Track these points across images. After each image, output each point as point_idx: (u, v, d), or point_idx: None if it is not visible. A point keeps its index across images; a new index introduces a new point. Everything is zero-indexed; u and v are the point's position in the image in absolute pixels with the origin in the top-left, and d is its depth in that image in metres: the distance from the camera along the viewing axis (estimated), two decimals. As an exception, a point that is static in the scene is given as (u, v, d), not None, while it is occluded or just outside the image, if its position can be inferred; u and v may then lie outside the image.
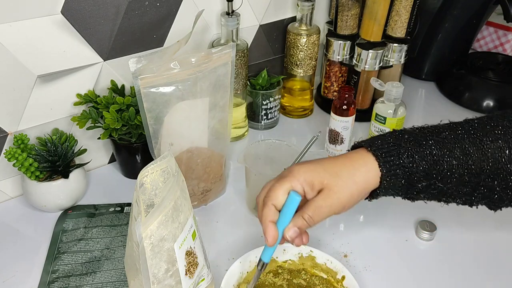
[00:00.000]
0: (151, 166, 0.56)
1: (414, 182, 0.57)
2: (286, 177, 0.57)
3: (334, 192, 0.56)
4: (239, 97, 0.98)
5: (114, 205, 0.83)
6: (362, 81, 1.04)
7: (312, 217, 0.56)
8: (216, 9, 0.93)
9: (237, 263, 0.66)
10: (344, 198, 0.56)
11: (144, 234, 0.52)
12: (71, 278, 0.69)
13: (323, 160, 0.59)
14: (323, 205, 0.56)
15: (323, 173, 0.57)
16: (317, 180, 0.56)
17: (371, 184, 0.57)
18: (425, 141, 0.57)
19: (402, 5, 1.00)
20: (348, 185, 0.57)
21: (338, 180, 0.56)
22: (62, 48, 0.77)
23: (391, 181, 0.57)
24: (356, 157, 0.58)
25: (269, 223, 0.57)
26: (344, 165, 0.58)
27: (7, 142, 0.79)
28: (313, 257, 0.68)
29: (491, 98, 1.12)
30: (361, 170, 0.57)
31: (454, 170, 0.56)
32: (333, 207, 0.57)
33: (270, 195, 0.57)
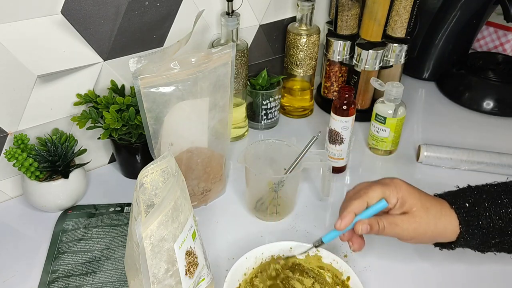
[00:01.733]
0: (151, 166, 0.56)
1: (489, 239, 0.62)
2: (389, 185, 0.62)
3: (415, 221, 0.61)
4: (239, 97, 0.98)
5: (114, 205, 0.83)
6: (362, 81, 1.04)
7: (385, 228, 0.61)
8: (216, 9, 0.93)
9: (243, 259, 0.66)
10: (419, 231, 0.61)
11: (144, 234, 0.52)
12: (71, 278, 0.69)
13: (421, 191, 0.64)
14: (400, 225, 0.61)
15: (417, 201, 0.61)
16: (410, 202, 0.61)
17: (445, 236, 0.62)
18: (500, 200, 0.62)
19: (402, 5, 1.00)
20: (429, 224, 0.61)
21: (425, 214, 0.61)
22: (62, 48, 0.77)
23: (468, 239, 0.62)
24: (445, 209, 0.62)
25: (351, 213, 0.61)
26: (436, 206, 0.62)
27: (7, 142, 0.79)
28: (320, 257, 0.68)
29: (491, 98, 1.12)
30: (445, 219, 0.62)
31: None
32: (405, 232, 0.61)
33: (369, 193, 0.62)
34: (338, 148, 0.89)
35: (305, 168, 0.79)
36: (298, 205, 0.84)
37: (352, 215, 0.61)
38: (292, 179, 0.78)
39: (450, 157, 0.94)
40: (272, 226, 0.80)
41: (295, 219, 0.82)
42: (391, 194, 0.61)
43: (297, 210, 0.83)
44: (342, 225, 0.61)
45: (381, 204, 0.61)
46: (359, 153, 0.98)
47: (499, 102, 1.12)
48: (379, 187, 0.62)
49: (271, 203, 0.79)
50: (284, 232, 0.79)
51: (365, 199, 0.61)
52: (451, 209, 0.62)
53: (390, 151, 0.98)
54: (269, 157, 0.82)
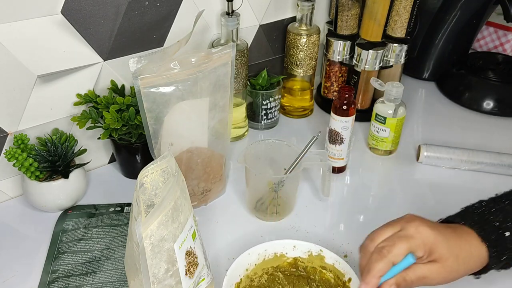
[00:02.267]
0: (151, 166, 0.56)
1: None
2: (414, 239, 0.56)
3: (446, 271, 0.57)
4: (239, 97, 0.98)
5: (114, 205, 0.83)
6: (362, 81, 1.04)
7: (414, 282, 0.56)
8: (216, 9, 0.93)
9: (246, 254, 0.66)
10: (449, 279, 0.58)
11: (144, 234, 0.52)
12: (71, 278, 0.69)
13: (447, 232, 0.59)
14: (429, 277, 0.57)
15: (446, 249, 0.57)
16: (438, 252, 0.56)
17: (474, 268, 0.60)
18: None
19: (402, 5, 1.00)
20: (460, 270, 0.58)
21: (455, 263, 0.57)
22: (62, 48, 0.77)
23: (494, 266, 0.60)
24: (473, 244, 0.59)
25: (377, 277, 0.55)
26: (464, 248, 0.58)
27: (7, 142, 0.79)
28: (322, 257, 0.68)
29: (491, 98, 1.12)
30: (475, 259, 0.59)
31: None
32: (434, 282, 0.57)
33: (393, 251, 0.55)
34: (338, 148, 0.89)
35: (305, 168, 0.79)
36: (298, 205, 0.84)
37: (377, 280, 0.55)
38: (292, 179, 0.78)
39: (450, 157, 0.94)
40: (272, 226, 0.80)
41: (295, 219, 0.82)
42: (418, 248, 0.56)
43: (297, 210, 0.83)
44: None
45: (408, 261, 0.56)
46: (359, 153, 0.98)
47: (499, 102, 1.12)
48: (404, 243, 0.56)
49: (271, 203, 0.79)
50: (284, 232, 0.79)
51: (391, 259, 0.55)
52: (481, 243, 0.59)
53: (390, 151, 0.98)
54: (269, 157, 0.82)
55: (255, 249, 0.67)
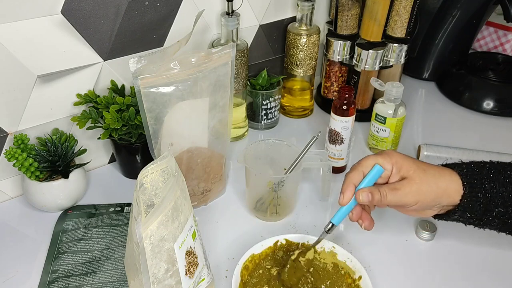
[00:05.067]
0: (151, 166, 0.56)
1: (492, 207, 0.60)
2: (381, 154, 0.62)
3: (416, 183, 0.60)
4: (239, 97, 0.98)
5: (114, 205, 0.83)
6: (362, 81, 1.04)
7: (386, 195, 0.60)
8: (216, 9, 0.93)
9: (259, 246, 0.68)
10: (421, 192, 0.60)
11: (144, 234, 0.52)
12: (71, 278, 0.69)
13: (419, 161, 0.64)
14: (401, 189, 0.60)
15: (412, 164, 0.61)
16: (405, 167, 0.61)
17: (449, 196, 0.61)
18: (503, 169, 0.61)
19: (402, 5, 1.00)
20: (430, 183, 0.60)
21: (423, 175, 0.60)
22: (62, 48, 0.77)
23: (471, 202, 0.60)
24: (444, 170, 0.62)
25: (350, 184, 0.62)
26: (433, 168, 0.62)
27: (7, 142, 0.79)
28: (335, 254, 0.69)
29: (491, 98, 1.12)
30: (446, 179, 0.61)
31: None
32: (408, 196, 0.60)
33: (362, 163, 0.62)
34: (338, 148, 0.89)
35: (305, 168, 0.79)
36: (298, 205, 0.84)
37: (351, 186, 0.61)
38: (292, 179, 0.78)
39: (450, 157, 0.93)
40: (272, 226, 0.80)
41: (295, 219, 0.82)
42: (384, 161, 0.61)
43: (297, 210, 0.83)
44: (344, 199, 0.62)
45: (376, 169, 0.61)
46: (359, 153, 0.98)
47: (499, 102, 1.12)
48: (371, 157, 0.62)
49: (271, 203, 0.79)
50: (284, 232, 0.78)
51: (360, 169, 0.62)
52: (453, 171, 0.62)
53: (390, 151, 0.97)
54: (269, 157, 0.82)
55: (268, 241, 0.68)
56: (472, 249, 0.76)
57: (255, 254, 0.67)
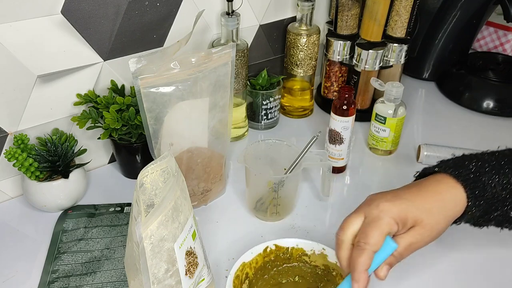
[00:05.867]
0: (151, 166, 0.56)
1: (491, 211, 0.59)
2: (381, 219, 0.55)
3: (426, 229, 0.56)
4: (239, 97, 0.98)
5: (114, 205, 0.83)
6: (362, 81, 1.04)
7: (402, 254, 0.56)
8: (216, 9, 0.93)
9: (248, 254, 0.67)
10: (434, 234, 0.57)
11: (144, 234, 0.52)
12: (71, 278, 0.69)
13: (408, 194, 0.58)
14: (414, 242, 0.56)
15: (415, 211, 0.56)
16: (410, 218, 0.56)
17: (457, 215, 0.59)
18: (502, 170, 0.59)
19: (402, 5, 1.00)
20: (439, 221, 0.57)
21: (430, 218, 0.56)
22: (62, 48, 0.77)
23: (473, 211, 0.58)
24: (443, 189, 0.58)
25: (363, 272, 0.54)
26: (434, 199, 0.58)
27: (7, 142, 0.79)
28: (325, 255, 0.68)
29: (491, 98, 1.12)
30: (450, 204, 0.58)
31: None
32: (423, 243, 0.57)
33: (369, 242, 0.54)
34: (338, 148, 0.89)
35: (305, 168, 0.79)
36: (298, 205, 0.84)
37: (365, 274, 0.54)
38: (292, 179, 0.78)
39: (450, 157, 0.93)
40: (272, 226, 0.80)
41: (295, 219, 0.82)
42: (390, 227, 0.55)
43: (297, 210, 0.83)
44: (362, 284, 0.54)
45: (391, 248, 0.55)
46: (359, 153, 0.98)
47: (499, 102, 1.12)
48: (376, 229, 0.54)
49: (271, 203, 0.79)
50: (284, 232, 0.79)
51: (371, 250, 0.54)
52: (457, 183, 0.58)
53: (390, 151, 0.98)
54: (269, 157, 0.82)
55: (257, 248, 0.67)
56: (472, 249, 0.76)
57: (245, 263, 0.66)
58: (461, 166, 0.59)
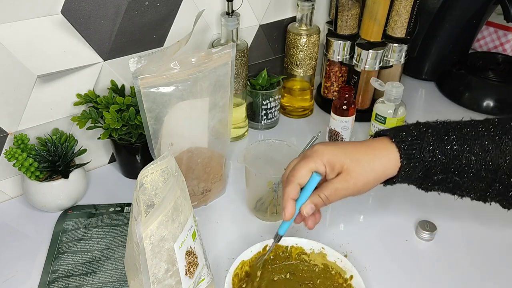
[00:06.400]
0: (151, 166, 0.56)
1: (431, 175, 0.60)
2: (311, 157, 0.60)
3: (352, 177, 0.59)
4: (239, 97, 0.98)
5: (114, 205, 0.83)
6: (362, 81, 1.04)
7: (329, 197, 0.60)
8: (216, 9, 0.93)
9: (248, 252, 0.67)
10: (360, 183, 0.60)
11: (144, 234, 0.52)
12: (71, 278, 0.69)
13: (345, 144, 0.63)
14: (340, 188, 0.60)
15: (344, 158, 0.60)
16: (338, 163, 0.60)
17: (388, 173, 0.61)
18: (446, 136, 0.59)
19: (402, 5, 1.00)
20: (366, 171, 0.60)
21: (357, 166, 0.60)
22: (62, 48, 0.77)
23: (409, 173, 0.60)
24: (378, 146, 0.61)
25: (290, 200, 0.61)
26: (366, 152, 0.61)
27: (7, 142, 0.79)
28: (324, 254, 0.68)
29: (491, 98, 1.12)
30: (382, 159, 0.60)
31: (472, 166, 0.58)
32: (349, 190, 0.60)
33: (296, 174, 0.60)
34: (338, 148, 0.89)
35: (305, 168, 0.79)
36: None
37: (291, 202, 0.61)
38: (292, 179, 0.78)
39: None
40: (272, 226, 0.80)
41: (295, 219, 0.82)
42: (317, 165, 0.60)
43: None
44: (287, 216, 0.61)
45: (315, 180, 0.60)
46: (359, 153, 0.98)
47: (499, 102, 1.12)
48: (304, 164, 0.60)
49: (271, 203, 0.79)
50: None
51: (295, 182, 0.60)
52: (392, 143, 0.60)
53: (390, 151, 0.97)
54: (269, 157, 0.82)
55: (257, 246, 0.67)
56: (472, 250, 0.76)
57: (245, 261, 0.66)
58: (404, 130, 0.61)
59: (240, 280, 0.66)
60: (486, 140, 0.58)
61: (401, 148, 0.59)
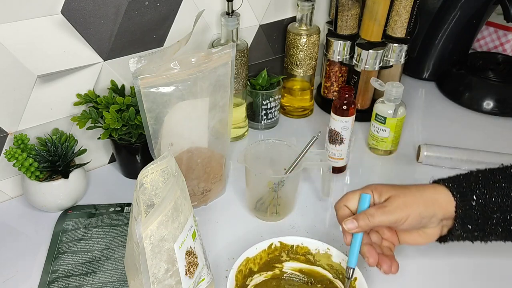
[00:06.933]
0: (151, 166, 0.56)
1: (489, 213, 0.59)
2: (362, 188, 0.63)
3: (400, 197, 0.60)
4: (239, 97, 0.98)
5: (114, 205, 0.83)
6: (362, 81, 1.04)
7: (374, 215, 0.59)
8: (216, 9, 0.93)
9: (253, 249, 0.67)
10: (408, 204, 0.59)
11: (144, 234, 0.52)
12: (71, 278, 0.69)
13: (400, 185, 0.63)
14: (387, 206, 0.59)
15: (392, 189, 0.61)
16: (385, 190, 0.61)
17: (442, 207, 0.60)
18: (491, 175, 0.60)
19: (402, 5, 1.00)
20: (415, 195, 0.60)
21: (406, 191, 0.60)
22: (62, 48, 0.77)
23: (467, 211, 0.59)
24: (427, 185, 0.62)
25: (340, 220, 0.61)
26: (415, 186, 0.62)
27: (7, 142, 0.79)
28: (329, 255, 0.68)
29: (491, 98, 1.12)
30: (431, 191, 0.61)
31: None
32: (397, 211, 0.59)
33: (343, 198, 0.63)
34: (338, 148, 0.89)
35: (305, 168, 0.79)
36: (298, 205, 0.84)
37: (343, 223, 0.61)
38: (292, 179, 0.78)
39: (450, 157, 0.94)
40: (272, 226, 0.80)
41: (295, 219, 0.82)
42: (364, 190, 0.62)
43: (297, 210, 0.83)
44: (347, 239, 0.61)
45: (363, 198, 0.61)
46: (359, 153, 0.98)
47: (499, 102, 1.12)
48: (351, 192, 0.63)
49: (271, 203, 0.79)
50: (284, 232, 0.79)
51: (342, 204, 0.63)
52: (438, 185, 0.61)
53: (390, 151, 0.98)
54: (269, 157, 0.82)
55: (262, 244, 0.67)
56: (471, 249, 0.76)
57: (249, 258, 0.66)
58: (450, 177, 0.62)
59: (244, 277, 0.66)
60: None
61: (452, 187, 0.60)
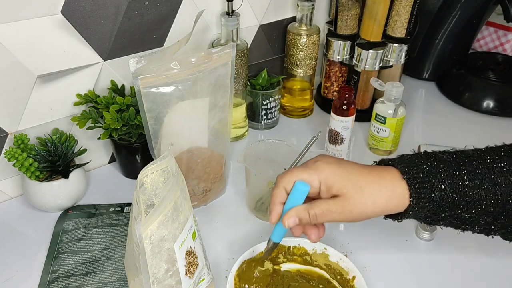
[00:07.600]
0: (151, 166, 0.56)
1: (439, 212, 0.56)
2: (308, 168, 0.57)
3: (350, 203, 0.55)
4: (239, 97, 0.98)
5: (114, 205, 0.83)
6: (362, 81, 1.04)
7: (318, 216, 0.56)
8: (216, 9, 0.93)
9: (250, 251, 0.67)
10: (356, 213, 0.55)
11: (144, 234, 0.52)
12: (71, 278, 0.69)
13: (351, 166, 0.57)
14: (333, 211, 0.55)
15: (346, 181, 0.55)
16: (337, 185, 0.55)
17: (390, 209, 0.56)
18: (458, 171, 0.56)
19: (402, 5, 1.00)
20: (366, 203, 0.55)
21: (358, 194, 0.55)
22: (62, 48, 0.77)
23: (417, 212, 0.56)
24: (386, 178, 0.56)
25: (276, 203, 0.58)
26: (371, 181, 0.56)
27: (7, 142, 0.79)
28: (327, 255, 0.68)
29: (491, 98, 1.12)
30: (386, 193, 0.55)
31: (481, 201, 0.55)
32: (342, 216, 0.56)
33: (283, 178, 0.57)
34: (338, 148, 0.89)
35: (305, 168, 0.79)
36: (298, 205, 0.84)
37: (278, 206, 0.58)
38: (292, 179, 0.78)
39: (450, 157, 0.93)
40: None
41: (295, 219, 0.82)
42: (310, 178, 0.56)
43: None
44: (272, 219, 0.58)
45: (297, 190, 0.56)
46: (359, 153, 0.98)
47: (499, 102, 1.12)
48: (296, 172, 0.57)
49: (271, 203, 0.79)
50: (284, 232, 0.79)
51: (281, 186, 0.57)
52: (402, 180, 0.55)
53: (390, 151, 0.98)
54: (269, 157, 0.82)
55: (259, 246, 0.67)
56: (472, 250, 0.76)
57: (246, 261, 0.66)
58: (415, 164, 0.57)
59: None
60: (495, 174, 0.55)
61: (412, 186, 0.55)
